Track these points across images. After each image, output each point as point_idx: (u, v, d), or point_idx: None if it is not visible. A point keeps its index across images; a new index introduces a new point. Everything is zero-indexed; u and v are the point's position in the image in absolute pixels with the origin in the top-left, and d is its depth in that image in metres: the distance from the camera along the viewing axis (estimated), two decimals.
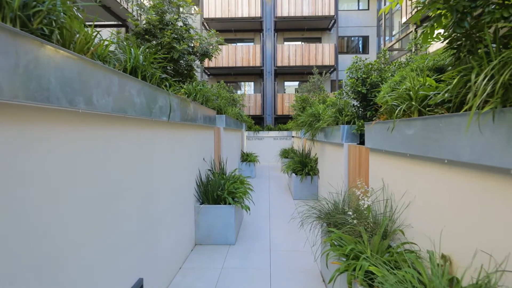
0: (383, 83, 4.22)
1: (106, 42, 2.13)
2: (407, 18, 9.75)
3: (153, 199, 2.72)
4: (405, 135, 2.36)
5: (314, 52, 16.28)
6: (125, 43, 2.96)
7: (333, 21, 16.64)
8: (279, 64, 16.44)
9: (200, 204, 4.30)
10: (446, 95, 1.91)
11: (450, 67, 2.32)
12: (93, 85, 1.69)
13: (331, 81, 17.51)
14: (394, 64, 4.46)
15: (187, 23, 4.86)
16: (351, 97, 4.51)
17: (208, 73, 17.40)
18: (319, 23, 17.05)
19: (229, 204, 4.24)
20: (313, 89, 12.52)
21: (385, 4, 16.34)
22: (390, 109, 2.62)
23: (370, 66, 4.39)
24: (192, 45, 5.15)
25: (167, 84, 3.00)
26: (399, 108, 2.33)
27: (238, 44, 17.37)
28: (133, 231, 2.32)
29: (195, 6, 5.36)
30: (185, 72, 4.80)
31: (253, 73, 18.15)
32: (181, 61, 4.69)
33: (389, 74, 4.31)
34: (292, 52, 16.37)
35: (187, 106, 3.59)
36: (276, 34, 16.92)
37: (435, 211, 2.04)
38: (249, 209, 4.45)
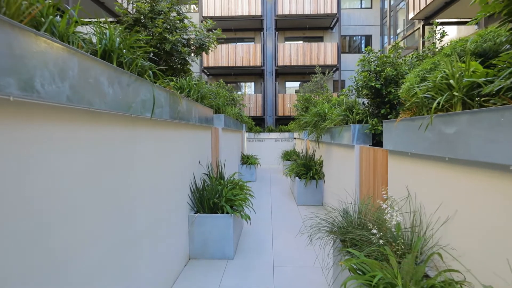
0: (399, 78, 3.76)
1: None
2: (414, 14, 9.30)
3: (133, 211, 2.26)
4: (443, 134, 1.89)
5: (316, 51, 15.84)
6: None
7: (335, 19, 16.21)
8: (280, 63, 16.00)
9: (195, 213, 3.84)
10: (509, 81, 1.45)
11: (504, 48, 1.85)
12: (35, 65, 1.23)
13: (333, 81, 17.08)
14: (411, 57, 4.00)
15: (181, 12, 4.41)
16: (363, 93, 4.04)
17: (208, 73, 16.97)
18: (321, 21, 16.62)
19: (227, 213, 3.78)
20: (315, 89, 12.06)
21: (388, 2, 15.94)
22: (421, 103, 2.16)
23: (385, 58, 3.93)
24: (187, 37, 4.70)
25: (152, 73, 2.54)
26: (436, 101, 1.86)
27: (238, 43, 16.93)
28: (99, 259, 1.85)
29: (194, 5, 4.89)
30: (179, 66, 4.34)
31: (254, 73, 17.71)
32: (174, 54, 4.24)
33: (406, 68, 3.85)
34: (293, 51, 15.93)
35: (178, 102, 3.13)
36: (277, 33, 16.50)
37: (492, 233, 1.57)
38: (250, 219, 3.98)
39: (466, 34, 9.34)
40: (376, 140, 4.07)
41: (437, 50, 3.84)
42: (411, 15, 9.57)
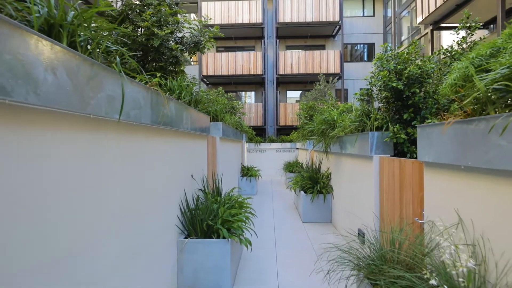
0: (424, 77, 3.20)
1: None
2: (423, 18, 8.86)
3: (96, 243, 1.66)
4: None
5: (318, 59, 15.42)
6: None
7: (337, 27, 15.85)
8: (281, 72, 15.56)
9: (185, 238, 3.22)
10: None
11: None
12: None
13: (335, 90, 16.61)
14: (437, 53, 3.45)
15: (173, 6, 3.89)
16: (382, 95, 3.48)
17: (207, 81, 16.52)
18: (323, 29, 16.27)
19: (224, 237, 3.16)
20: (319, 97, 11.56)
21: (392, 10, 15.63)
22: (485, 98, 1.58)
23: (407, 55, 3.38)
24: (181, 35, 4.18)
25: (141, 71, 1.98)
26: None
27: (238, 51, 16.52)
28: None
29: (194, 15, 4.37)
30: (170, 67, 3.80)
31: (254, 82, 17.26)
32: (165, 52, 3.69)
33: (432, 66, 3.30)
34: (295, 60, 15.51)
35: (163, 104, 2.56)
36: (278, 41, 16.12)
37: None
38: (250, 244, 3.36)
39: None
40: (398, 150, 3.48)
41: (468, 46, 3.29)
42: (419, 19, 9.13)
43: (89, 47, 1.70)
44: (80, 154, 1.54)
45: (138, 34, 3.52)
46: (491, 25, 8.87)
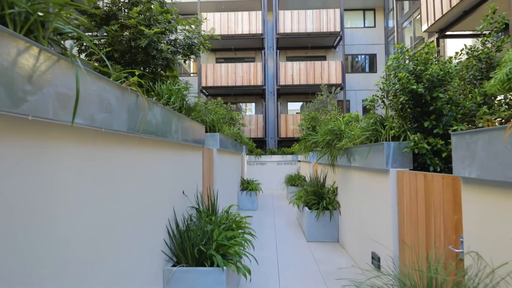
0: (448, 80, 2.80)
1: None
2: (429, 26, 8.58)
3: (55, 278, 1.21)
4: None
5: (319, 70, 15.16)
6: None
7: (338, 37, 15.67)
8: (282, 83, 15.27)
9: (173, 266, 2.75)
10: None
11: None
12: None
13: (337, 101, 16.28)
14: (459, 54, 3.06)
15: (164, 4, 3.54)
16: (399, 100, 3.07)
17: (206, 93, 16.23)
18: (324, 40, 16.09)
19: (218, 266, 2.69)
20: (321, 107, 11.20)
21: (394, 21, 15.50)
22: None
23: (426, 55, 2.99)
24: (174, 37, 3.82)
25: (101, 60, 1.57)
26: None
27: (238, 62, 16.28)
28: None
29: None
30: (161, 71, 3.42)
31: (254, 93, 16.97)
32: (154, 54, 3.31)
33: (456, 67, 2.90)
34: (296, 70, 15.25)
35: (144, 108, 2.15)
36: (278, 52, 15.90)
37: None
38: (250, 273, 2.88)
39: None
40: (418, 163, 3.05)
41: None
42: (424, 27, 8.85)
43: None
44: (22, 163, 1.11)
45: (124, 34, 3.14)
46: (499, 33, 8.53)
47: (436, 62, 3.13)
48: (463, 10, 7.66)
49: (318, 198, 5.60)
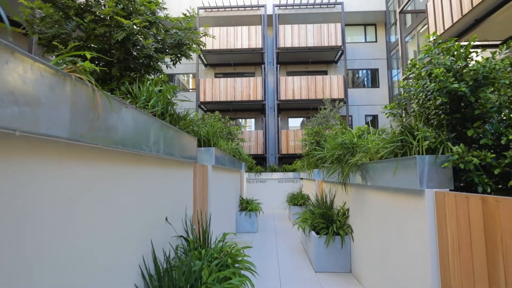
0: (497, 79, 2.23)
1: None
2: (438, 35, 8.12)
3: None
4: None
5: (321, 84, 14.75)
6: None
7: (340, 52, 15.37)
8: (282, 97, 14.82)
9: None
10: None
11: None
12: None
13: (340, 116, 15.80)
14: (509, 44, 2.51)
15: None
16: (435, 103, 2.49)
17: (205, 108, 15.75)
18: (325, 55, 15.79)
19: None
20: (324, 122, 10.67)
21: (396, 36, 15.27)
22: None
23: (466, 48, 2.44)
24: (161, 37, 3.28)
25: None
26: None
27: (238, 77, 15.90)
28: None
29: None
30: (143, 71, 2.85)
31: (254, 109, 16.51)
32: (133, 49, 2.76)
33: (506, 62, 2.34)
34: (296, 85, 14.83)
35: (109, 112, 1.55)
36: (278, 66, 15.54)
37: None
38: None
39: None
40: (460, 182, 2.43)
41: None
42: (432, 38, 8.40)
43: None
44: None
45: (98, 26, 2.60)
46: None
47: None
48: (474, 18, 7.25)
49: (327, 222, 4.92)
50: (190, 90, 17.34)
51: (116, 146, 1.71)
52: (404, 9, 11.50)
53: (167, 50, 3.20)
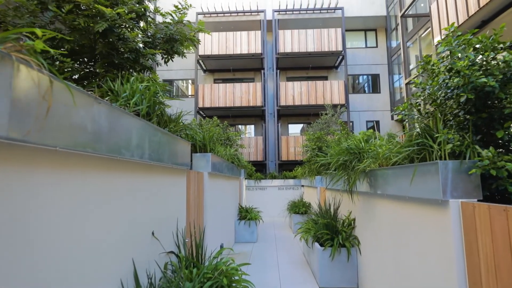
0: None
1: None
2: (442, 37, 7.88)
3: None
4: None
5: (321, 90, 14.51)
6: None
7: (340, 57, 15.16)
8: (282, 103, 14.56)
9: None
10: None
11: None
12: None
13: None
14: None
15: None
16: (458, 101, 2.19)
17: (203, 114, 15.47)
18: (325, 60, 15.58)
19: None
20: (325, 127, 10.38)
21: (397, 41, 15.11)
22: None
23: (494, 38, 2.15)
24: (151, 32, 3.00)
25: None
26: None
27: (237, 82, 15.66)
28: None
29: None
30: (127, 64, 2.56)
31: (254, 115, 16.24)
32: (118, 44, 2.47)
33: None
34: (297, 91, 14.58)
35: (71, 107, 1.25)
36: (278, 72, 15.31)
37: None
38: None
39: None
40: (488, 190, 2.12)
41: None
42: (437, 39, 8.17)
43: None
44: None
45: (78, 17, 2.31)
46: None
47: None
48: (481, 19, 7.01)
49: (332, 233, 4.58)
50: (189, 96, 17.09)
51: (84, 149, 1.41)
52: (406, 13, 11.30)
53: (158, 47, 2.91)
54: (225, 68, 16.28)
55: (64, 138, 1.26)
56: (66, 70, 2.52)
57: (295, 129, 16.88)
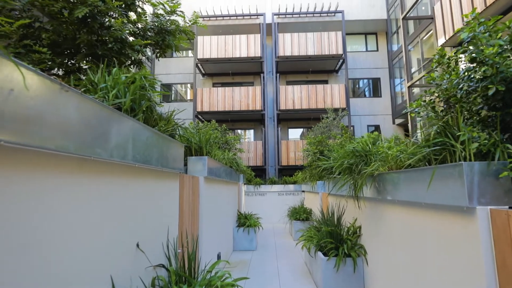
0: None
1: None
2: (446, 39, 7.71)
3: None
4: None
5: (322, 94, 14.29)
6: None
7: (341, 61, 14.97)
8: (282, 107, 14.33)
9: None
10: None
11: None
12: None
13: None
14: None
15: None
16: (478, 96, 1.93)
17: (202, 118, 15.23)
18: (325, 64, 15.39)
19: None
20: (326, 131, 10.12)
21: (398, 44, 14.96)
22: None
23: None
24: (142, 25, 2.75)
25: None
26: None
27: (236, 86, 15.43)
28: None
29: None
30: (112, 55, 2.30)
31: (253, 119, 15.99)
32: (102, 32, 2.21)
33: None
34: (297, 94, 14.36)
35: (22, 92, 0.99)
36: (278, 75, 15.10)
37: None
38: None
39: None
40: None
41: None
42: (441, 41, 7.98)
43: None
44: None
45: (57, 1, 2.06)
46: None
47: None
48: (487, 19, 6.79)
49: (336, 241, 4.29)
50: (188, 101, 16.88)
51: (43, 146, 1.14)
52: (408, 15, 11.14)
53: (148, 37, 2.65)
54: (224, 72, 16.09)
55: (12, 132, 1.00)
56: (46, 62, 2.27)
57: (295, 133, 16.63)
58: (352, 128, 15.64)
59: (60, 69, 2.53)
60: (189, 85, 17.08)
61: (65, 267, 1.34)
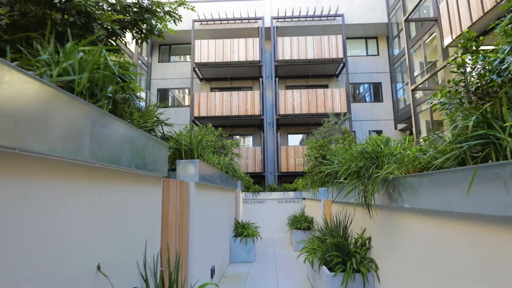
0: None
1: None
2: (453, 39, 7.36)
3: None
4: None
5: (322, 99, 13.93)
6: None
7: (341, 65, 14.66)
8: (281, 112, 13.95)
9: None
10: None
11: None
12: None
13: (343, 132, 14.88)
14: None
15: None
16: None
17: (199, 124, 14.81)
18: (325, 68, 15.08)
19: None
20: (327, 135, 9.72)
21: (399, 49, 14.69)
22: None
23: None
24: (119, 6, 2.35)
25: None
26: None
27: (234, 91, 15.08)
28: None
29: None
30: (74, 31, 1.89)
31: (252, 124, 15.59)
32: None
33: None
34: (296, 99, 14.00)
35: None
36: (277, 80, 14.75)
37: None
38: None
39: None
40: None
41: None
42: (447, 41, 7.63)
43: None
44: None
45: None
46: None
47: None
48: (497, 16, 6.45)
49: (343, 255, 3.83)
50: (186, 106, 16.51)
51: None
52: (410, 17, 10.84)
53: (127, 18, 2.25)
54: (222, 77, 15.75)
55: None
56: None
57: (295, 139, 16.22)
58: (353, 133, 15.26)
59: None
60: (186, 90, 16.74)
61: None
